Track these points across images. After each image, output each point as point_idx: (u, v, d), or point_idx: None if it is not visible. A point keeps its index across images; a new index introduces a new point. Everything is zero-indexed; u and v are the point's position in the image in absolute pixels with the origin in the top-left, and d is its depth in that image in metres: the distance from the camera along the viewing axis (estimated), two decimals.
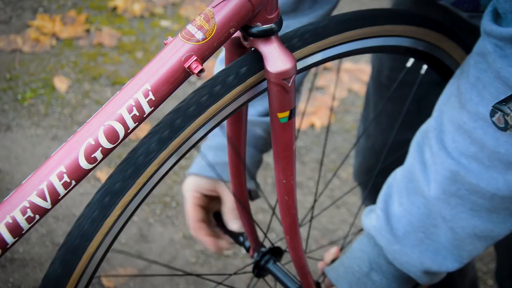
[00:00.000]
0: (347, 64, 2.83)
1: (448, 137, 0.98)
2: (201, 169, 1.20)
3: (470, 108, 0.95)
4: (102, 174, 2.36)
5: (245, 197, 1.12)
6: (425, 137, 1.03)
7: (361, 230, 1.32)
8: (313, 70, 1.02)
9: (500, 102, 0.85)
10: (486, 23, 0.92)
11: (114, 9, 3.07)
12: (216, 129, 1.07)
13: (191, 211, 1.21)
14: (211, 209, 1.24)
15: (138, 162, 0.82)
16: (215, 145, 1.19)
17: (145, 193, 0.85)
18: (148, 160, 0.82)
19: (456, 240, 1.02)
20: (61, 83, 2.72)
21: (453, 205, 0.99)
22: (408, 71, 1.15)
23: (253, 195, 1.26)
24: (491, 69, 0.92)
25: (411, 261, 1.04)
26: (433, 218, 1.02)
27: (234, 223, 1.20)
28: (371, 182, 1.41)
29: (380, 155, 1.09)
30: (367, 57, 2.87)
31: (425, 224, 1.03)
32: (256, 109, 1.17)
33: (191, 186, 1.21)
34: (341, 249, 1.30)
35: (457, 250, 1.02)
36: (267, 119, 1.16)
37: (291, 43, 0.88)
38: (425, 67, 1.10)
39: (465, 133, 0.96)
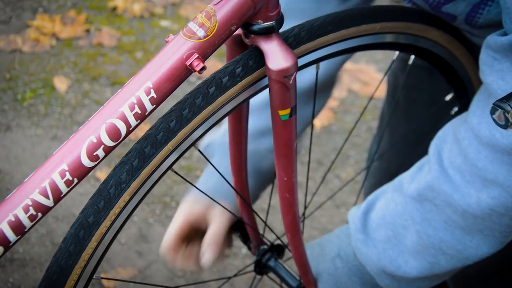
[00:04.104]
0: (347, 64, 2.81)
1: (447, 146, 0.99)
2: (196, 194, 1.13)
3: (468, 120, 0.96)
4: (102, 174, 2.36)
5: (246, 193, 1.12)
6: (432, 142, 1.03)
7: None
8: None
9: (501, 100, 0.85)
10: (490, 37, 0.92)
11: (114, 9, 3.07)
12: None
13: (174, 239, 1.13)
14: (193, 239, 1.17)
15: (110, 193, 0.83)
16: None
17: (120, 223, 0.86)
18: (120, 191, 0.83)
19: (419, 246, 1.01)
20: (61, 83, 2.72)
21: (426, 210, 0.99)
22: (424, 89, 1.12)
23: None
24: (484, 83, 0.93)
25: (370, 254, 1.05)
26: (404, 219, 1.02)
27: (207, 254, 1.11)
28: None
29: (395, 177, 1.08)
30: (367, 57, 2.88)
31: (396, 222, 1.03)
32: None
33: (183, 212, 1.14)
34: None
35: (418, 257, 1.02)
36: None
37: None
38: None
39: (457, 142, 0.96)
